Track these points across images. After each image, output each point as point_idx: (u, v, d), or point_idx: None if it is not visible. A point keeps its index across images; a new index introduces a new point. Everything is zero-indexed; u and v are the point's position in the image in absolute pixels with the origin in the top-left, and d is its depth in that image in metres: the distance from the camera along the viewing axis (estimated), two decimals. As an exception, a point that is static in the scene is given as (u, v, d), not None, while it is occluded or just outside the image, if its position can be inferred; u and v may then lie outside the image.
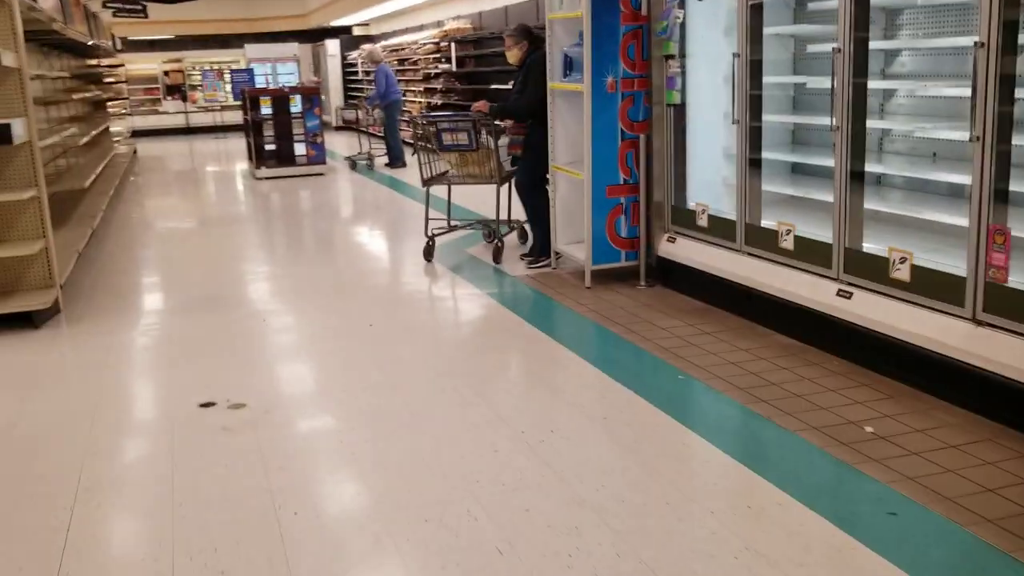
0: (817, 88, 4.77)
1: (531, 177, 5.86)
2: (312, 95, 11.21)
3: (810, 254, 4.05)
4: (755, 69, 4.41)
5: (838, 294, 3.84)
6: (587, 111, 5.03)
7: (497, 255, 6.07)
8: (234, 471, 3.03)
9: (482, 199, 7.61)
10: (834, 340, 3.91)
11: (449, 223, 6.58)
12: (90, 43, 11.50)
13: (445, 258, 6.30)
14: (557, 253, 5.73)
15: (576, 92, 5.22)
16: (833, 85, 3.80)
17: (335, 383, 3.95)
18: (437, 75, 13.69)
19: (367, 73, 17.73)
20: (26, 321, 4.85)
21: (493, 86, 11.68)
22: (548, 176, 5.79)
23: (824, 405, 3.39)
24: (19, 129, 4.68)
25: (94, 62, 15.45)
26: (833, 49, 3.77)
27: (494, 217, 6.15)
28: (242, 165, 13.29)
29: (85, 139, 7.75)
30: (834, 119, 3.81)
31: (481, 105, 5.98)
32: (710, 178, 5.12)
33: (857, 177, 3.83)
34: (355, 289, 5.73)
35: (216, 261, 6.77)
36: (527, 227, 6.25)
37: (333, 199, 10.28)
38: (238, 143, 17.55)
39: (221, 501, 2.81)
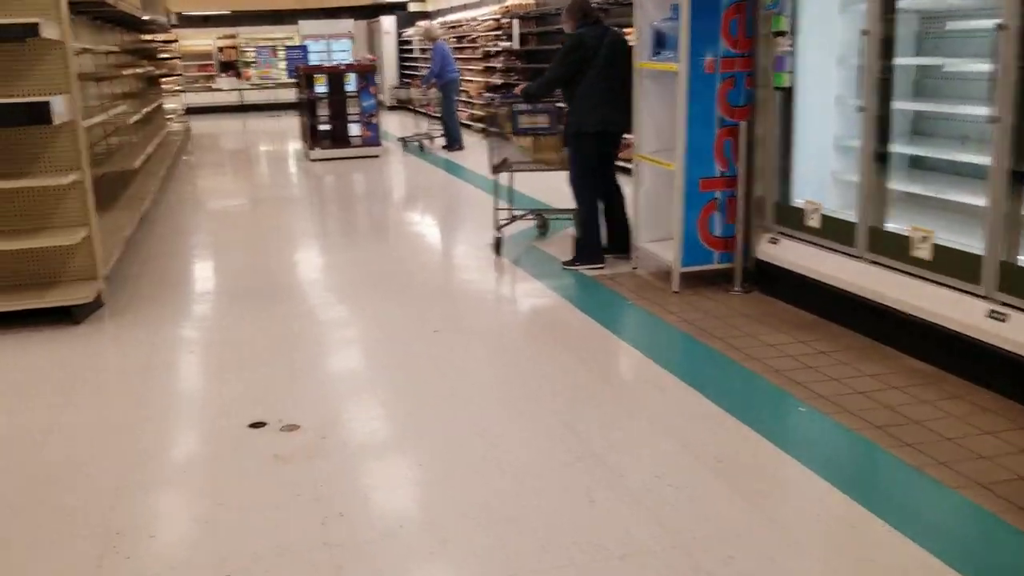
0: (953, 72, 4.15)
1: (572, 170, 5.38)
2: (368, 72, 10.76)
3: (953, 266, 3.47)
4: (886, 49, 3.81)
5: (990, 315, 3.26)
6: (681, 94, 4.48)
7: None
8: (286, 515, 2.59)
9: (536, 185, 7.09)
10: (982, 369, 3.33)
11: (512, 213, 6.10)
12: (144, 17, 11.22)
13: (510, 251, 5.81)
14: (635, 250, 5.20)
15: (667, 72, 4.67)
16: (995, 69, 3.20)
17: (399, 401, 3.49)
18: (497, 53, 13.15)
19: (423, 51, 17.26)
20: (66, 315, 4.49)
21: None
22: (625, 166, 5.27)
23: (984, 453, 2.83)
24: (60, 107, 4.29)
25: (148, 37, 15.23)
26: (997, 26, 3.16)
27: (558, 206, 5.64)
28: (295, 145, 12.95)
29: (136, 117, 7.41)
30: (994, 108, 3.22)
31: (518, 89, 5.58)
32: (816, 172, 4.54)
33: (1019, 178, 3.23)
34: (416, 285, 5.27)
35: (270, 248, 6.38)
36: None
37: (390, 183, 9.86)
38: (291, 122, 17.26)
39: (272, 556, 2.37)
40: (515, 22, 11.80)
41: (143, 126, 10.93)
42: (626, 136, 5.35)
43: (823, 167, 4.54)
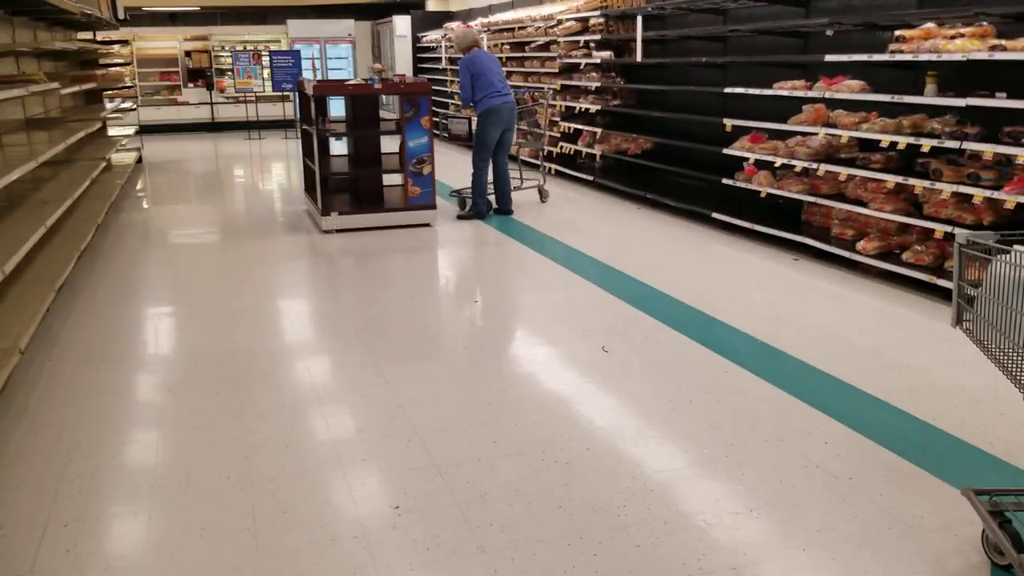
0: None
1: None
2: (419, 96, 6.79)
3: None
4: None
5: None
6: None
7: None
8: None
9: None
10: None
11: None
12: (83, 12, 7.24)
13: None
14: None
15: None
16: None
17: None
18: (587, 68, 9.26)
19: (452, 61, 13.38)
20: None
21: (693, 87, 7.24)
22: None
23: None
24: None
25: (86, 37, 11.19)
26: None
27: None
28: (286, 187, 8.95)
29: (16, 173, 3.36)
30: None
31: None
32: None
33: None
34: None
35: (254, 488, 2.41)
36: None
37: (483, 290, 5.82)
38: (275, 145, 13.35)
39: None
40: (639, 20, 7.85)
41: (59, 170, 6.95)
42: None
43: None
